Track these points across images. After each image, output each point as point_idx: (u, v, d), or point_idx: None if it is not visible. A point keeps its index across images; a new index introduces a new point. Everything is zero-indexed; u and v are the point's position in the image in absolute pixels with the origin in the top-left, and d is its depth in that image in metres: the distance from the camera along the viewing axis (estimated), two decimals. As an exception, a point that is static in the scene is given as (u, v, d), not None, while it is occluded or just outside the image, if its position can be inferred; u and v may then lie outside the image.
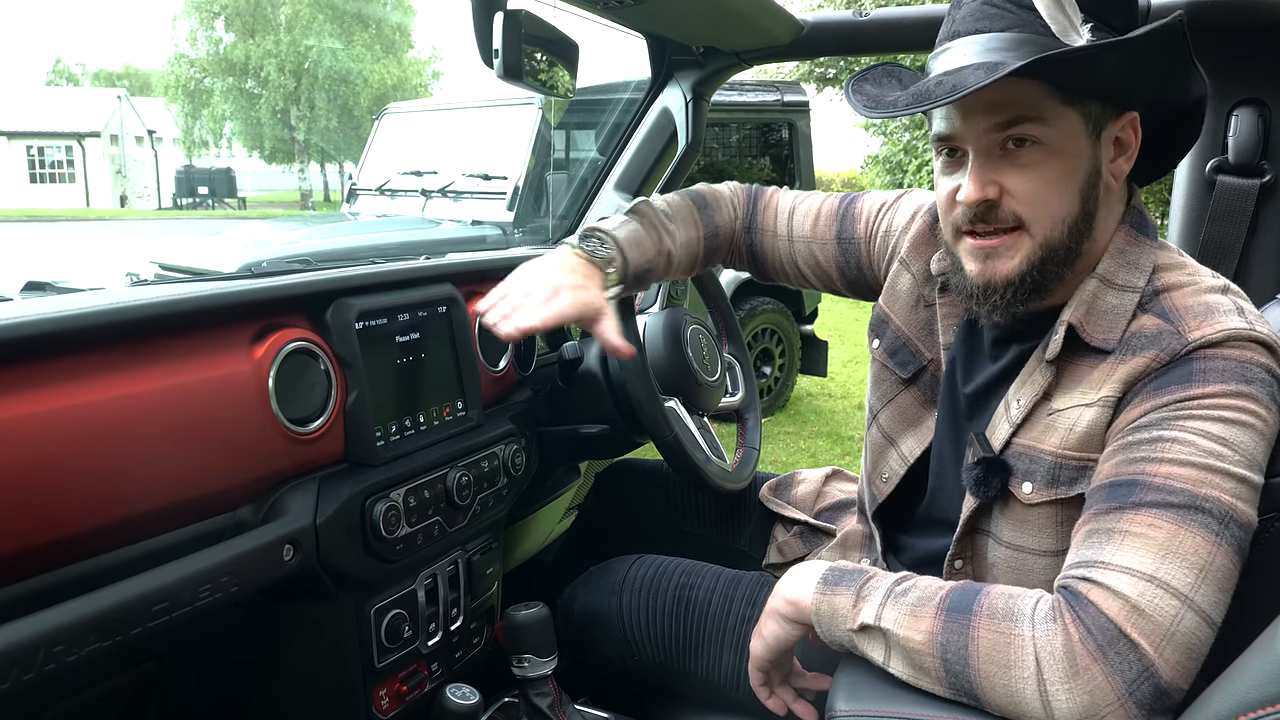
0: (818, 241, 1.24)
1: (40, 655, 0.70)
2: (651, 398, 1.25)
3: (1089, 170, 0.87)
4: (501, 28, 1.14)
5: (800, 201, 1.28)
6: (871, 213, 1.20)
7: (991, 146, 0.87)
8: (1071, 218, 0.87)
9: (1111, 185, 0.89)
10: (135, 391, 0.83)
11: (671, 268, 1.22)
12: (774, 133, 5.41)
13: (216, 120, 28.72)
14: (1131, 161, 0.89)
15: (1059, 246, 0.87)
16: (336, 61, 26.90)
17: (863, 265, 1.21)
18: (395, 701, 1.12)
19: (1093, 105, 0.85)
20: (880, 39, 1.52)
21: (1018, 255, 0.88)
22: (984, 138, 0.87)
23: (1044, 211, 0.86)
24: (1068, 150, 0.85)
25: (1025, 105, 0.84)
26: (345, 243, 4.30)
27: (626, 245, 1.14)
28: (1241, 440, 0.76)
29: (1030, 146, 0.85)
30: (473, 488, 1.17)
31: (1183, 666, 0.70)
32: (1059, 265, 0.88)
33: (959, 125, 0.88)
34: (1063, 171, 0.86)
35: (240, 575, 0.87)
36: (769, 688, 0.97)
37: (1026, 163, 0.86)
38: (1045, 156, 0.85)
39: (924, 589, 0.81)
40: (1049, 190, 0.86)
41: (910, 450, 1.09)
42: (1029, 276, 0.88)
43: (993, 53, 0.84)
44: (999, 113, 0.85)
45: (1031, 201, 0.86)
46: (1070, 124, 0.85)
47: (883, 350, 1.12)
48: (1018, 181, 0.86)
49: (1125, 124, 0.88)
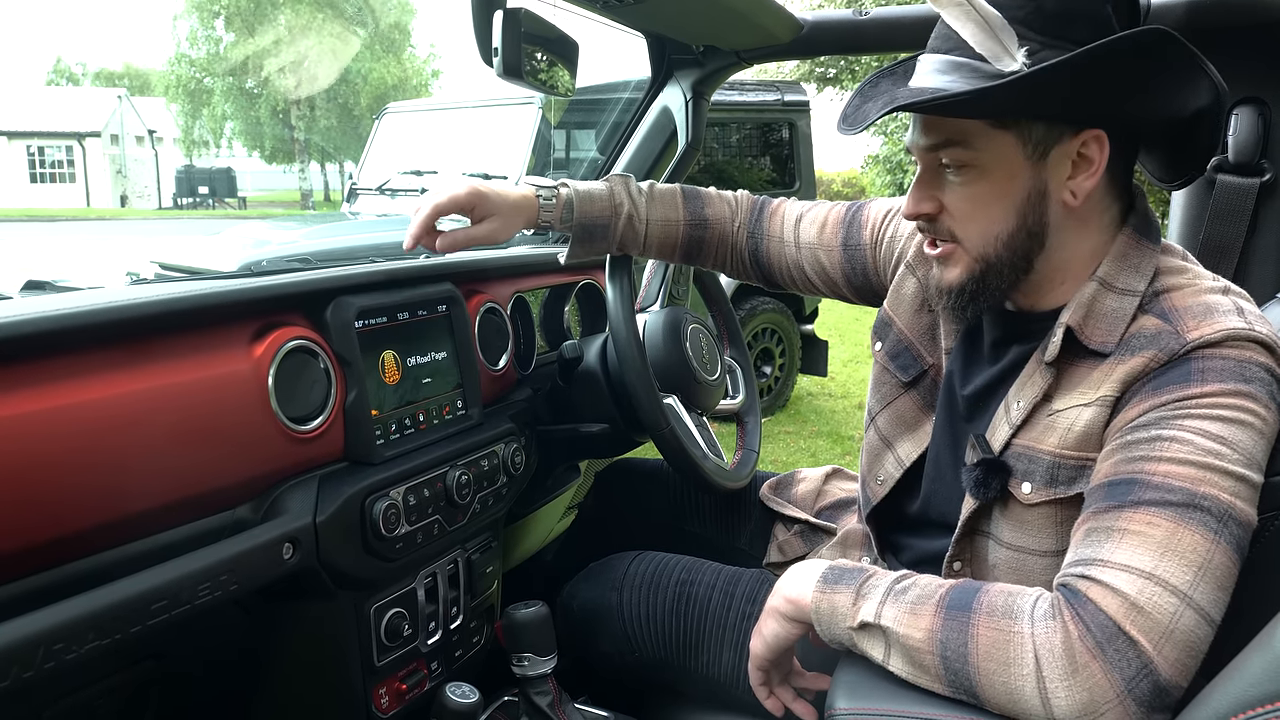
0: (824, 248, 1.25)
1: (40, 653, 0.70)
2: (650, 393, 1.25)
3: (1030, 190, 0.87)
4: (501, 26, 1.14)
5: (807, 210, 1.29)
6: (877, 219, 1.21)
7: (933, 163, 0.91)
8: (1006, 234, 0.89)
9: (1069, 201, 0.87)
10: (135, 390, 0.83)
11: (637, 237, 1.27)
12: (774, 132, 5.41)
13: (217, 120, 28.71)
14: (1095, 178, 0.87)
15: (997, 261, 0.90)
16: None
17: (869, 271, 1.22)
18: (395, 700, 1.12)
19: (1034, 127, 0.85)
20: (880, 38, 1.52)
21: (957, 267, 0.93)
22: (925, 155, 0.91)
23: (974, 230, 0.90)
24: (998, 172, 0.87)
25: (952, 130, 0.87)
26: (345, 242, 4.29)
27: (579, 195, 1.22)
28: (1240, 439, 0.76)
29: (962, 168, 0.88)
30: (472, 486, 1.17)
31: (1181, 664, 0.70)
32: (1002, 277, 0.91)
33: (911, 140, 0.93)
34: (994, 192, 0.88)
35: (240, 574, 0.87)
36: (769, 687, 0.97)
37: (957, 182, 0.90)
38: (975, 177, 0.88)
39: (923, 587, 0.81)
40: (978, 209, 0.89)
41: (907, 454, 1.09)
42: (969, 287, 0.92)
43: (934, 75, 0.88)
44: (932, 134, 0.89)
45: (962, 219, 0.90)
46: (1002, 147, 0.86)
47: (885, 353, 1.13)
48: (950, 199, 0.91)
49: (1086, 140, 0.86)
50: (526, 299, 1.45)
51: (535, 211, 1.19)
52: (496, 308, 1.34)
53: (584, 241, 1.24)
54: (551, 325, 1.57)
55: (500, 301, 1.36)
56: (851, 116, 0.97)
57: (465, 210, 1.14)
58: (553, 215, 1.20)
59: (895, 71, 1.02)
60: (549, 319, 1.56)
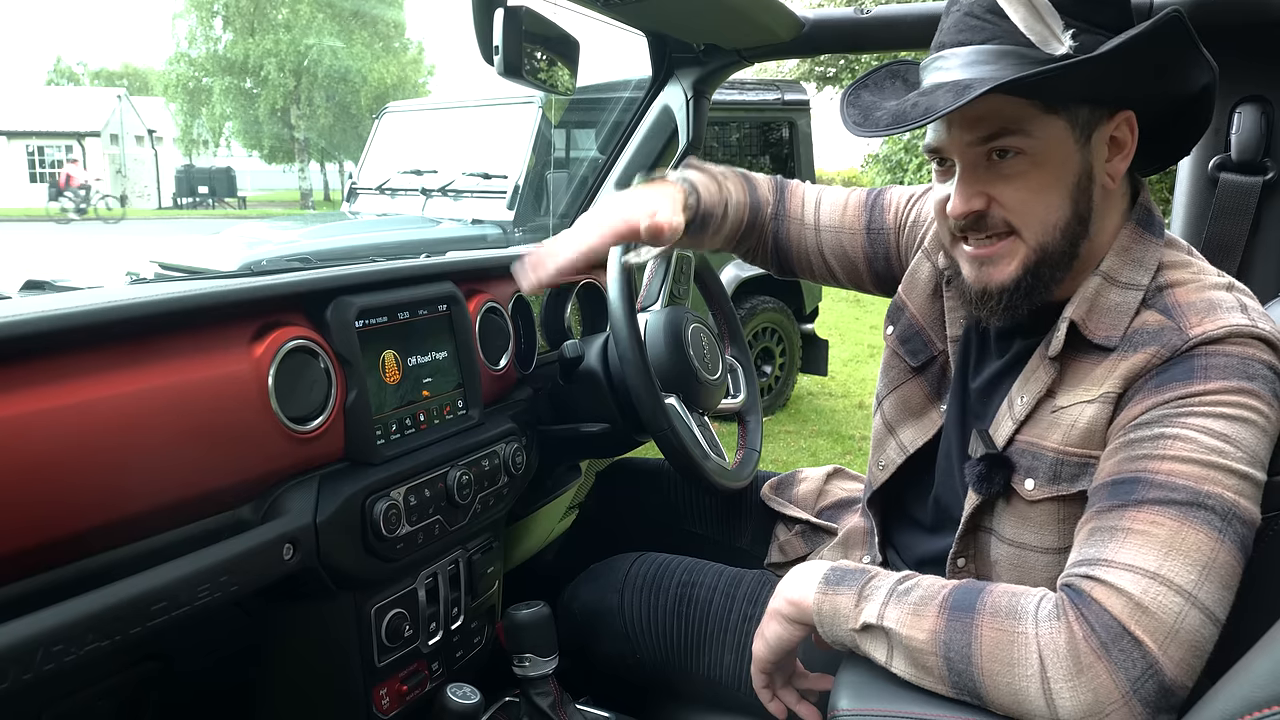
0: (846, 231, 1.22)
1: (39, 655, 0.70)
2: (651, 392, 1.25)
3: (1079, 174, 0.86)
4: (502, 25, 1.14)
5: (825, 193, 1.27)
6: (900, 204, 1.19)
7: (977, 158, 0.87)
8: (1064, 222, 0.87)
9: (1108, 185, 0.88)
10: (134, 390, 0.83)
11: (727, 222, 1.19)
12: (774, 131, 5.40)
13: (216, 119, 28.70)
14: (1129, 160, 0.88)
15: (1053, 250, 0.87)
16: (336, 60, 26.88)
17: (890, 256, 1.20)
18: (396, 701, 1.12)
19: (1080, 110, 0.85)
20: (881, 36, 1.51)
21: (1013, 261, 0.88)
22: (969, 151, 0.87)
23: (1034, 218, 0.87)
24: (1053, 157, 0.85)
25: (1005, 118, 0.84)
26: (345, 242, 4.29)
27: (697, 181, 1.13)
28: (1244, 437, 0.76)
29: (1015, 157, 0.86)
30: (473, 486, 1.17)
31: (1187, 664, 0.70)
32: (1054, 268, 0.88)
33: (945, 138, 0.88)
34: (1050, 179, 0.86)
35: (240, 574, 0.87)
36: (771, 690, 0.97)
37: (1012, 173, 0.86)
38: (1031, 166, 0.86)
39: (926, 588, 0.81)
40: (1037, 198, 0.86)
41: (910, 441, 1.08)
42: (1024, 281, 0.88)
43: (972, 66, 0.85)
44: (981, 127, 0.85)
45: (1021, 210, 0.87)
46: (1055, 131, 0.85)
47: (895, 337, 1.12)
48: (1005, 191, 0.87)
49: (1120, 123, 0.87)
50: (527, 299, 1.45)
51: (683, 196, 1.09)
52: (497, 307, 1.34)
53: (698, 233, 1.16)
54: (552, 325, 1.56)
55: (501, 301, 1.36)
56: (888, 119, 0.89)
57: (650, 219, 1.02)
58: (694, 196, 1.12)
59: (897, 73, 1.01)
60: (550, 319, 1.56)
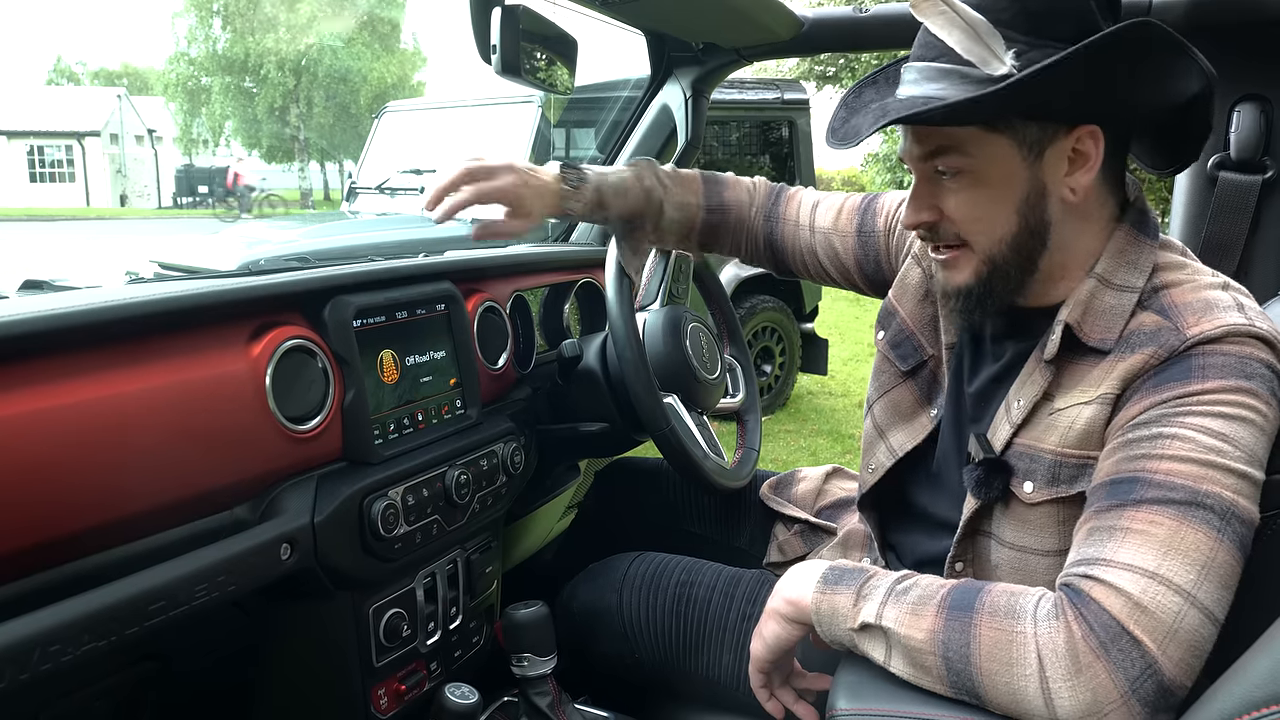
0: (839, 234, 1.25)
1: (36, 655, 0.69)
2: (650, 392, 1.25)
3: (1029, 190, 0.87)
4: (499, 24, 1.14)
5: (823, 197, 1.30)
6: (891, 209, 1.21)
7: (928, 171, 0.91)
8: (1011, 235, 0.88)
9: (1068, 198, 0.88)
10: (131, 389, 0.83)
11: (664, 223, 1.26)
12: (774, 131, 5.40)
13: (215, 119, 28.69)
14: (1093, 172, 0.87)
15: (1003, 262, 0.90)
16: (336, 59, 26.88)
17: (881, 260, 1.22)
18: (394, 701, 1.11)
19: (1027, 128, 0.85)
20: (880, 35, 1.51)
21: (966, 269, 0.92)
22: (919, 164, 0.91)
23: (980, 232, 0.90)
24: (995, 175, 0.87)
25: (944, 137, 0.87)
26: (344, 241, 4.29)
27: (611, 191, 1.21)
28: (1242, 436, 0.76)
29: (957, 174, 0.88)
30: (471, 486, 1.17)
31: (1186, 664, 0.70)
32: (1007, 278, 0.91)
33: (903, 150, 0.92)
34: (993, 195, 0.87)
35: (237, 574, 0.86)
36: (769, 689, 0.97)
37: (958, 188, 0.89)
38: (973, 182, 0.88)
39: (925, 587, 0.80)
40: (980, 213, 0.89)
41: (899, 444, 1.08)
42: (976, 290, 0.92)
43: (921, 84, 0.88)
44: (925, 142, 0.89)
45: (966, 223, 0.90)
46: (997, 150, 0.86)
47: (886, 342, 1.12)
48: (951, 205, 0.90)
49: (1080, 137, 0.86)
50: (526, 297, 1.45)
51: (559, 200, 1.19)
52: (496, 306, 1.34)
53: (626, 237, 1.26)
54: (551, 324, 1.56)
55: (499, 300, 1.36)
56: (841, 130, 0.97)
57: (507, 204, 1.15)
58: (578, 204, 1.20)
59: (877, 80, 1.02)
60: (548, 318, 1.56)
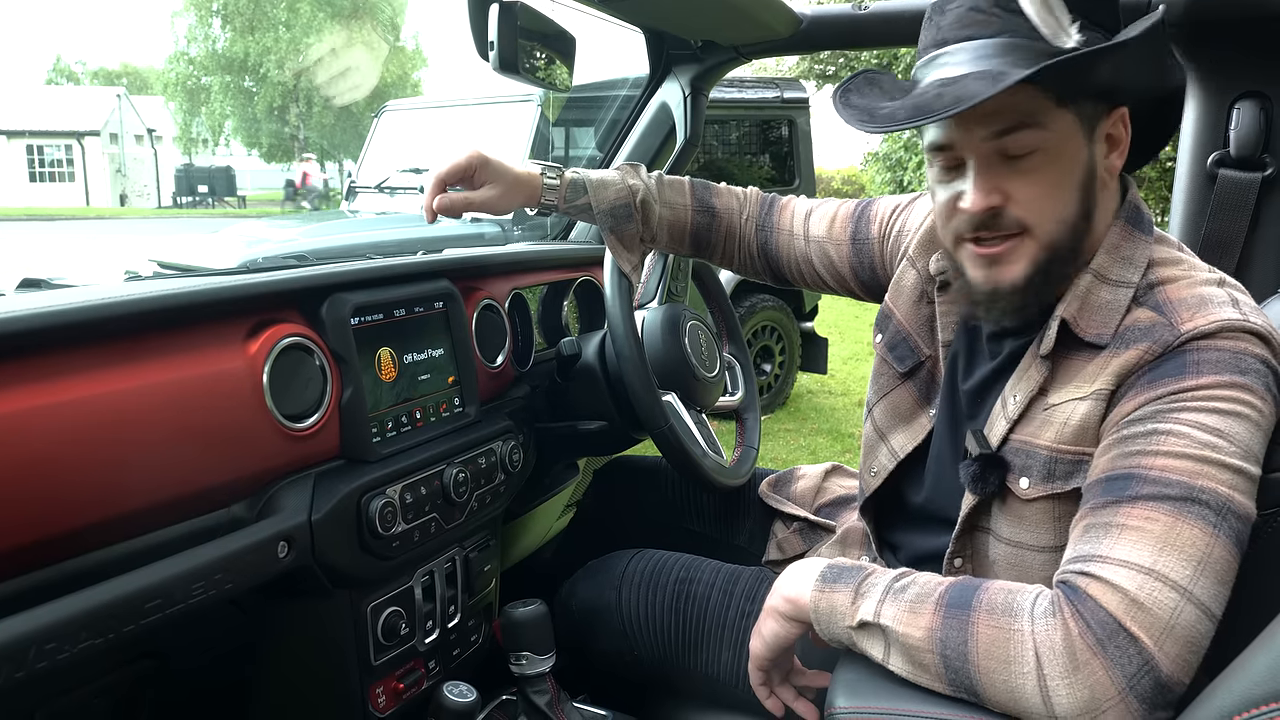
0: (833, 242, 1.25)
1: (32, 653, 0.69)
2: (649, 390, 1.24)
3: (1086, 169, 0.87)
4: (496, 21, 1.14)
5: (816, 205, 1.30)
6: (885, 215, 1.21)
7: (991, 154, 0.86)
8: (1072, 218, 0.87)
9: (1105, 181, 0.89)
10: (129, 387, 0.83)
11: (652, 220, 1.26)
12: (774, 129, 5.40)
13: (215, 118, 28.69)
14: (1123, 156, 0.90)
15: (1062, 248, 0.87)
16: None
17: (875, 266, 1.21)
18: (392, 699, 1.11)
19: (1086, 105, 0.85)
20: (879, 32, 1.51)
21: (1022, 260, 0.88)
22: (983, 145, 0.86)
23: (1048, 215, 0.86)
24: (1066, 152, 0.85)
25: (1023, 111, 0.83)
26: (343, 240, 4.29)
27: (593, 185, 1.21)
28: (1237, 431, 0.76)
29: (1031, 153, 0.85)
30: (470, 484, 1.17)
31: (1183, 660, 0.70)
32: (1062, 266, 0.88)
33: (956, 134, 0.87)
34: (1063, 174, 0.86)
35: (235, 572, 0.86)
36: (769, 687, 0.97)
37: (1028, 168, 0.85)
38: (1046, 161, 0.85)
39: (923, 585, 0.80)
40: (1051, 194, 0.86)
41: (900, 446, 1.08)
42: (1034, 280, 0.88)
43: (985, 60, 0.83)
44: (997, 120, 0.84)
45: (1036, 206, 0.86)
46: (1067, 126, 0.85)
47: (884, 345, 1.13)
48: (1020, 187, 0.86)
49: (1116, 120, 0.88)
50: (524, 295, 1.45)
51: (538, 189, 1.20)
52: (494, 304, 1.33)
53: (614, 230, 1.24)
54: (549, 322, 1.56)
55: (498, 298, 1.35)
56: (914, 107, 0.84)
57: (466, 175, 1.17)
58: (556, 196, 1.20)
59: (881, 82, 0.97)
60: (547, 316, 1.56)
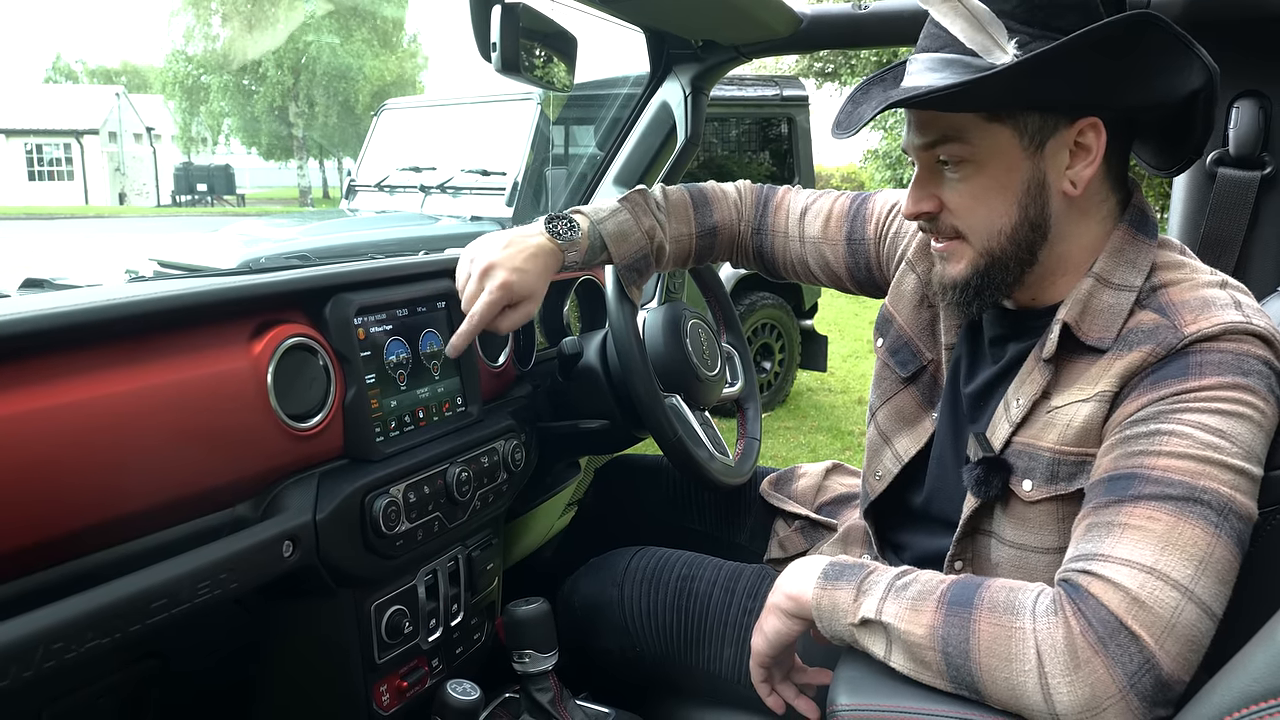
0: (828, 242, 1.25)
1: (39, 653, 0.70)
2: (654, 397, 1.25)
3: (1029, 182, 0.87)
4: (500, 21, 1.14)
5: (812, 202, 1.29)
6: (881, 214, 1.21)
7: (929, 161, 0.91)
8: (1010, 228, 0.89)
9: (1069, 191, 0.88)
10: (133, 388, 0.83)
11: (664, 259, 1.25)
12: (774, 128, 5.40)
13: (214, 117, 28.66)
14: (1094, 166, 0.87)
15: (1001, 255, 0.90)
16: (335, 57, 26.82)
17: (871, 266, 1.22)
18: (396, 697, 1.12)
19: (1029, 118, 0.86)
20: (879, 32, 1.51)
21: (962, 261, 0.92)
22: (921, 154, 0.92)
23: (980, 224, 0.90)
24: (996, 165, 0.87)
25: (946, 126, 0.88)
26: (344, 239, 4.29)
27: (612, 239, 1.18)
28: (1239, 432, 0.76)
29: (959, 163, 0.88)
30: (473, 483, 1.17)
31: (1184, 658, 0.70)
32: (1007, 271, 0.91)
33: (908, 140, 0.93)
34: (993, 186, 0.88)
35: (239, 572, 0.87)
36: (770, 684, 0.97)
37: (956, 179, 0.90)
38: (973, 173, 0.88)
39: (925, 583, 0.81)
40: (979, 204, 0.89)
41: (905, 450, 1.09)
42: (974, 281, 0.92)
43: (929, 73, 0.88)
44: (927, 132, 0.89)
45: (964, 215, 0.90)
46: (998, 140, 0.86)
47: (885, 349, 1.13)
48: (950, 196, 0.91)
49: (1083, 129, 0.86)
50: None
51: (560, 259, 1.15)
52: (496, 304, 1.33)
53: (633, 282, 1.24)
54: (551, 322, 1.56)
55: (499, 298, 1.35)
56: (845, 120, 0.98)
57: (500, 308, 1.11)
58: (577, 256, 1.16)
59: (885, 79, 1.02)
60: (548, 315, 1.56)
